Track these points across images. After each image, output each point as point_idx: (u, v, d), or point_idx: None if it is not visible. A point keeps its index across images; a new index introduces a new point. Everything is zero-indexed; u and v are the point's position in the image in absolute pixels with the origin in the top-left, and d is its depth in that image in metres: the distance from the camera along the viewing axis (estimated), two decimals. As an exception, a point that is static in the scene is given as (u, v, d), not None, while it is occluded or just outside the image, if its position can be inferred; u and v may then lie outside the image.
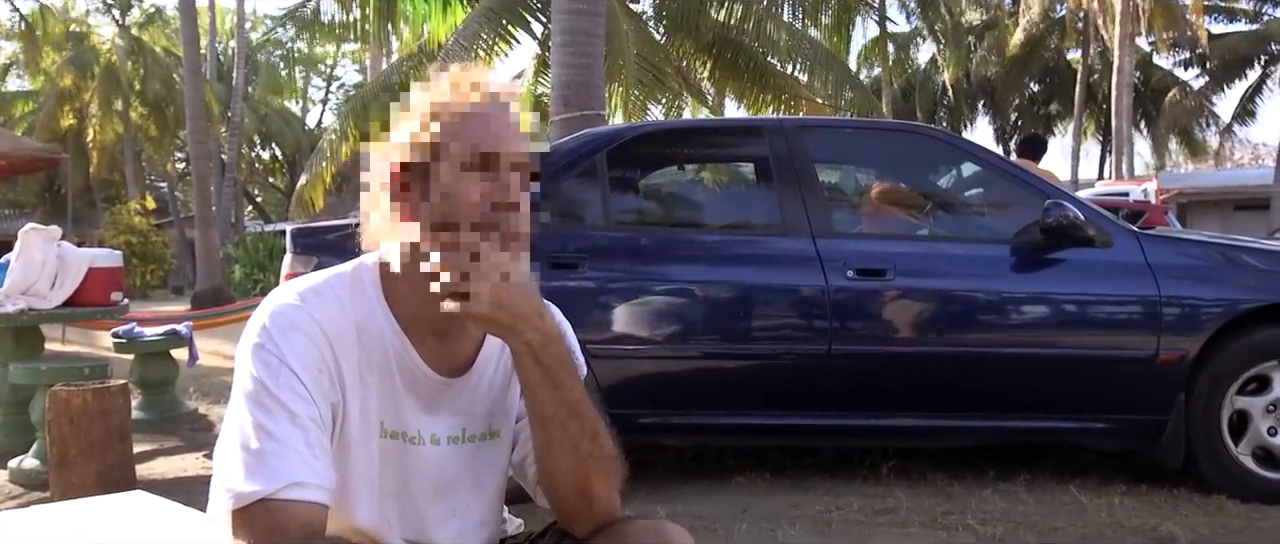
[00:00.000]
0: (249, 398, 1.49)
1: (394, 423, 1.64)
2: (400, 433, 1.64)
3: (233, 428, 1.49)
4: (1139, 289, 4.86)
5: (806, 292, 4.98)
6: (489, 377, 1.73)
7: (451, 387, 1.68)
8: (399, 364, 1.62)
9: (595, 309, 4.97)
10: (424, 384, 1.65)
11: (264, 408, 1.48)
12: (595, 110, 8.76)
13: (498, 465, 1.77)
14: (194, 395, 8.37)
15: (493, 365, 1.73)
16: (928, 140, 6.31)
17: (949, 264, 5.13)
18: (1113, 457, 5.41)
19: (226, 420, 1.52)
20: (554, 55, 9.14)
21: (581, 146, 5.48)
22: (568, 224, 5.27)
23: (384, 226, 1.57)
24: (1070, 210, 4.88)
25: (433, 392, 1.66)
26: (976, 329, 5.02)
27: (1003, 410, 4.98)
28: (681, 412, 5.06)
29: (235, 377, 1.53)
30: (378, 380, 1.61)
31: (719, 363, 5.07)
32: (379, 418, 1.62)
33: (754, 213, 5.79)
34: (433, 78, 1.59)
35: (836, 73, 16.79)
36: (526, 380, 1.58)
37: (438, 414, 1.68)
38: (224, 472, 1.46)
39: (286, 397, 1.48)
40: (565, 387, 1.57)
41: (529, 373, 1.56)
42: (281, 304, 1.57)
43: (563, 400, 1.58)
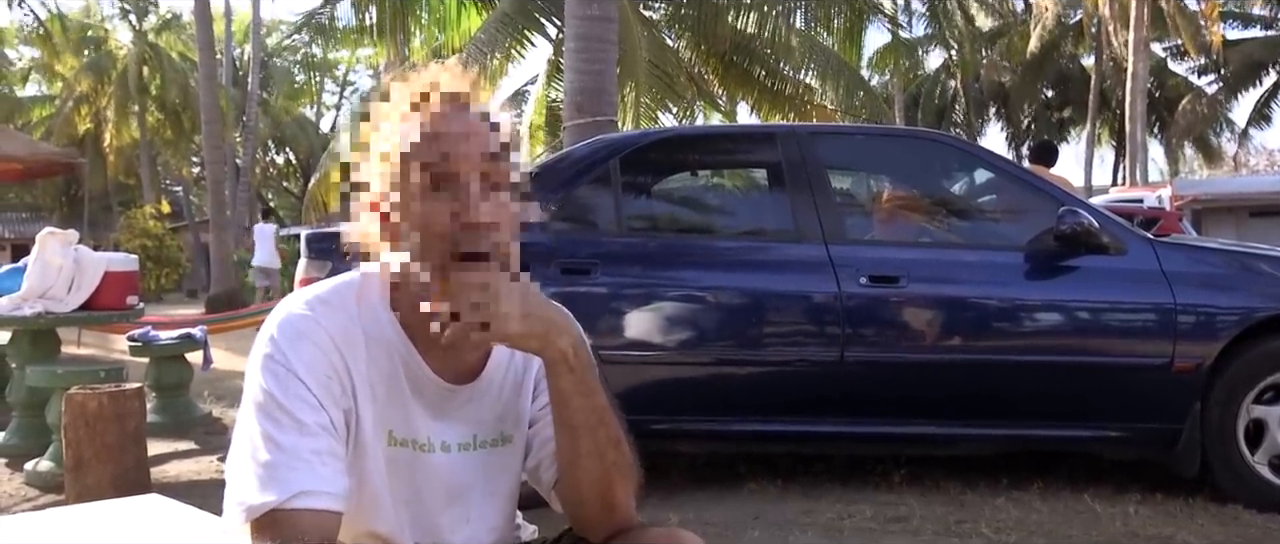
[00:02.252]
0: (258, 409, 1.49)
1: (403, 431, 1.63)
2: (410, 440, 1.63)
3: (242, 440, 1.49)
4: (1154, 297, 4.84)
5: (819, 298, 4.98)
6: (499, 382, 1.72)
7: (460, 393, 1.67)
8: (407, 372, 1.61)
9: (608, 314, 4.96)
10: (432, 391, 1.64)
11: (272, 418, 1.47)
12: (608, 116, 8.78)
13: (510, 471, 1.76)
14: (209, 399, 8.36)
15: (503, 371, 1.72)
16: (940, 147, 6.31)
17: (962, 271, 5.11)
18: (1127, 465, 5.38)
19: (236, 433, 1.52)
20: (567, 61, 9.16)
21: (595, 152, 5.49)
22: (581, 229, 5.28)
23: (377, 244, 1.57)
24: (1084, 217, 4.86)
25: (441, 399, 1.65)
26: (990, 336, 5.00)
27: (1016, 418, 4.96)
28: (694, 418, 5.05)
29: (245, 388, 1.53)
30: (386, 388, 1.60)
31: (731, 369, 5.06)
32: (387, 426, 1.61)
33: (767, 219, 5.78)
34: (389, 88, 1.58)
35: (848, 79, 16.77)
36: (560, 390, 1.57)
37: (447, 421, 1.67)
38: (235, 485, 1.47)
39: (295, 406, 1.48)
40: (595, 393, 1.58)
41: (563, 381, 1.56)
42: (290, 314, 1.56)
43: (593, 407, 1.58)
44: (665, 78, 14.93)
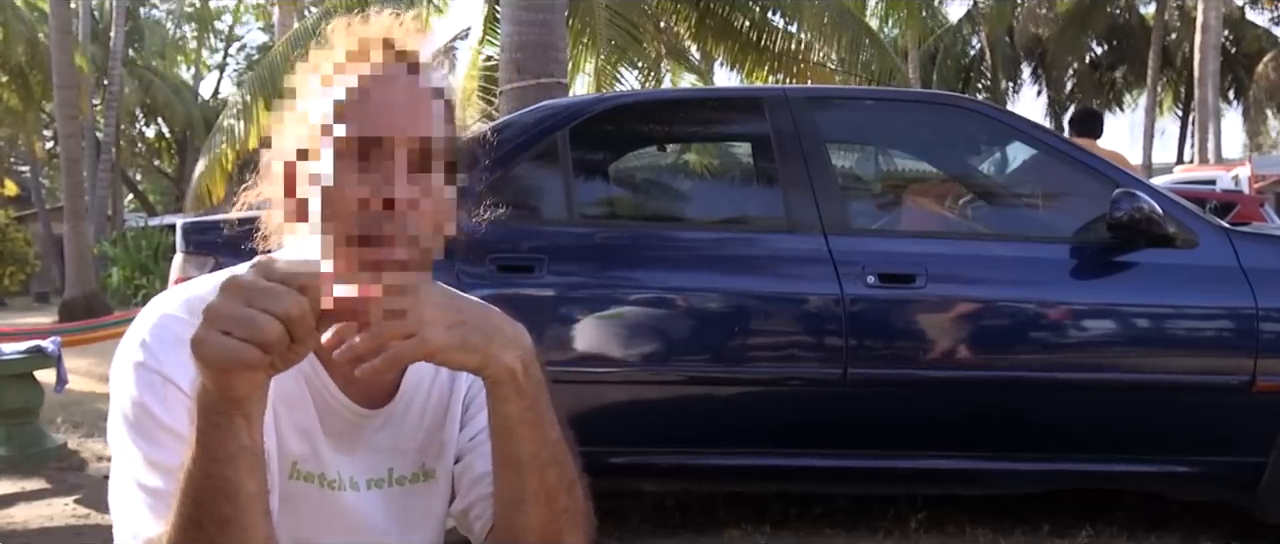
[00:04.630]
0: (132, 427, 1.48)
1: (311, 464, 1.62)
2: (317, 475, 1.62)
3: (123, 465, 1.48)
4: (1231, 300, 4.83)
5: (816, 302, 4.96)
6: (418, 405, 1.70)
7: (373, 419, 1.65)
8: (312, 392, 1.60)
9: (555, 323, 4.93)
10: (341, 417, 1.63)
11: (149, 437, 1.47)
12: (555, 78, 8.77)
13: (433, 513, 1.75)
14: (63, 427, 8.34)
15: (423, 391, 1.71)
16: (967, 115, 6.27)
17: (993, 268, 5.10)
18: (1198, 508, 5.39)
19: (114, 456, 1.51)
20: (505, 9, 9.13)
21: (538, 122, 5.46)
22: (521, 218, 5.25)
23: (281, 225, 1.57)
24: (1145, 202, 4.83)
25: (351, 426, 1.64)
26: (1027, 349, 4.99)
27: (1059, 450, 4.95)
28: (661, 449, 5.03)
29: (112, 401, 1.52)
30: (288, 411, 1.59)
31: (708, 390, 5.04)
32: (292, 457, 1.60)
33: (752, 205, 5.79)
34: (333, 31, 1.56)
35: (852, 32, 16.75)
36: (504, 417, 1.54)
37: (357, 453, 1.66)
38: (124, 517, 1.47)
39: (175, 421, 1.45)
40: (547, 423, 1.56)
41: (509, 407, 1.53)
42: (163, 314, 1.54)
43: (543, 440, 1.56)
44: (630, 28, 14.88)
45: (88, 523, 5.87)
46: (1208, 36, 26.58)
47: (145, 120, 46.92)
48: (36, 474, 7.06)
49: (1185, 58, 33.93)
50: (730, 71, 17.46)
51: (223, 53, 53.23)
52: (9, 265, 28.61)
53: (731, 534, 5.27)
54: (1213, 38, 26.79)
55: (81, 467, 7.22)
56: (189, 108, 43.80)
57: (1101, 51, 41.15)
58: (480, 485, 1.68)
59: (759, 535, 5.23)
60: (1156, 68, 34.83)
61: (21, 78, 36.43)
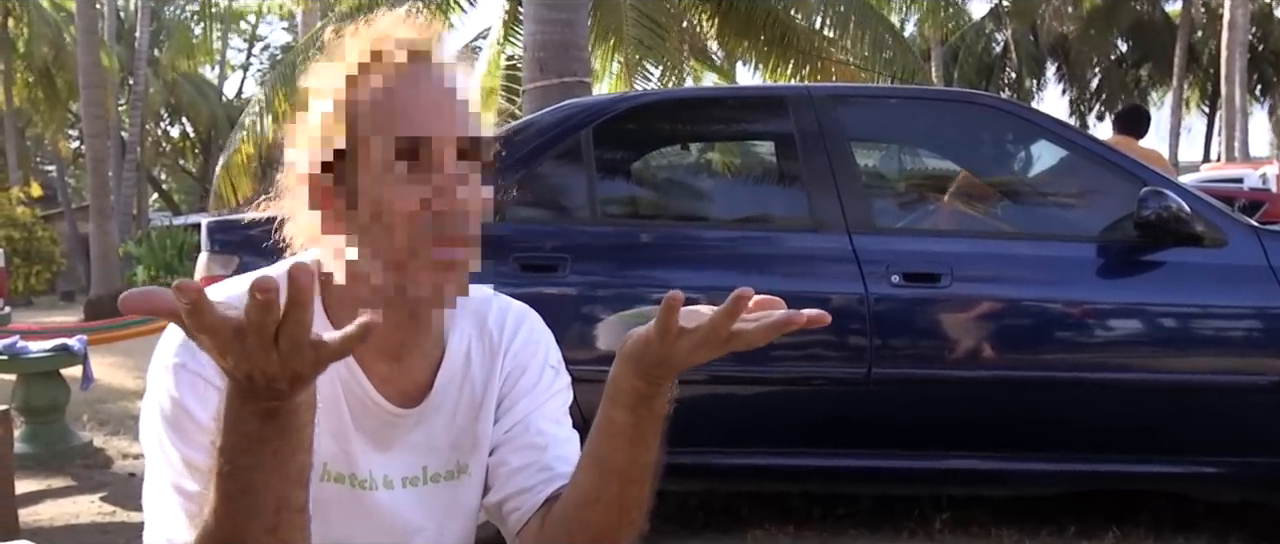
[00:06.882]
0: (172, 427, 1.48)
1: (341, 464, 1.63)
2: (347, 476, 1.63)
3: (158, 467, 1.49)
4: (1261, 299, 4.80)
5: (840, 301, 4.92)
6: (452, 403, 1.71)
7: (407, 418, 1.66)
8: (346, 393, 1.61)
9: (578, 322, 4.90)
10: (375, 416, 1.63)
11: (189, 438, 1.46)
12: (578, 76, 8.78)
13: (466, 508, 1.76)
14: (89, 425, 8.37)
15: (456, 388, 1.71)
16: (992, 113, 6.24)
17: (1019, 267, 5.07)
18: (1227, 509, 5.36)
19: (149, 457, 1.52)
20: (528, 8, 9.12)
21: (562, 121, 5.45)
22: (545, 216, 5.25)
23: (312, 231, 1.56)
24: (1173, 201, 4.79)
25: (385, 425, 1.65)
26: (1053, 349, 4.96)
27: (1086, 451, 4.92)
28: (685, 449, 4.96)
29: (148, 403, 1.52)
30: (322, 413, 1.55)
31: (731, 389, 5.00)
32: (323, 458, 1.58)
33: (775, 204, 5.77)
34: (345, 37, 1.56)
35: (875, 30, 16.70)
36: (616, 424, 1.58)
37: (391, 452, 1.66)
38: (158, 520, 1.47)
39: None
40: (648, 445, 1.60)
41: (637, 416, 1.57)
42: None
43: (638, 460, 1.60)
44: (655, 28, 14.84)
45: (114, 520, 5.88)
46: (1235, 34, 26.49)
47: (170, 120, 47.13)
48: (63, 472, 7.08)
49: (1211, 55, 33.87)
50: (752, 70, 17.44)
51: (246, 53, 53.52)
52: (36, 264, 28.77)
53: (755, 534, 5.26)
54: (1240, 35, 26.69)
55: (107, 464, 7.26)
56: (213, 107, 44.01)
57: (1126, 48, 41.03)
58: (516, 479, 1.70)
59: (783, 536, 5.23)
60: (1182, 65, 34.71)
61: (47, 78, 36.63)
